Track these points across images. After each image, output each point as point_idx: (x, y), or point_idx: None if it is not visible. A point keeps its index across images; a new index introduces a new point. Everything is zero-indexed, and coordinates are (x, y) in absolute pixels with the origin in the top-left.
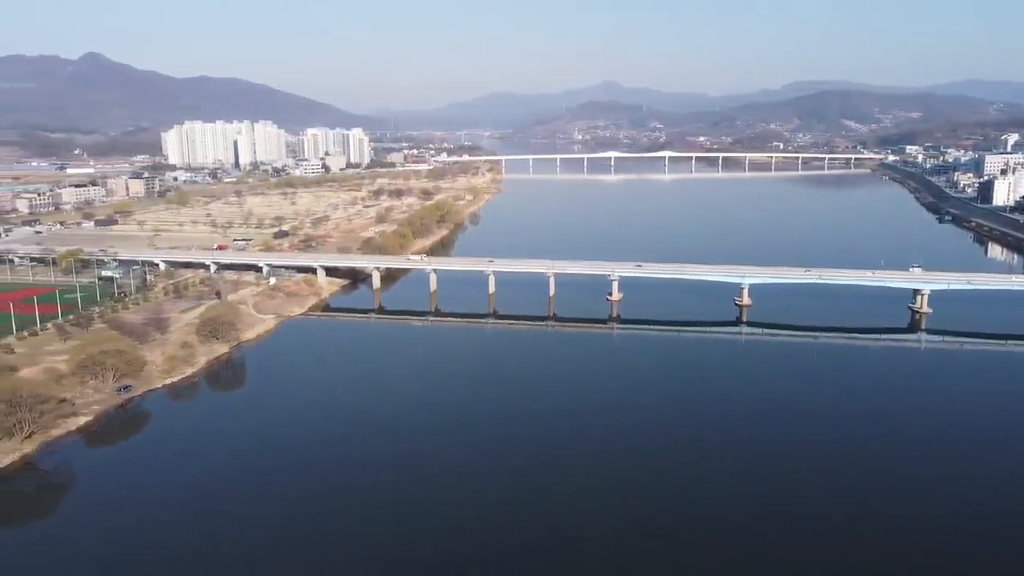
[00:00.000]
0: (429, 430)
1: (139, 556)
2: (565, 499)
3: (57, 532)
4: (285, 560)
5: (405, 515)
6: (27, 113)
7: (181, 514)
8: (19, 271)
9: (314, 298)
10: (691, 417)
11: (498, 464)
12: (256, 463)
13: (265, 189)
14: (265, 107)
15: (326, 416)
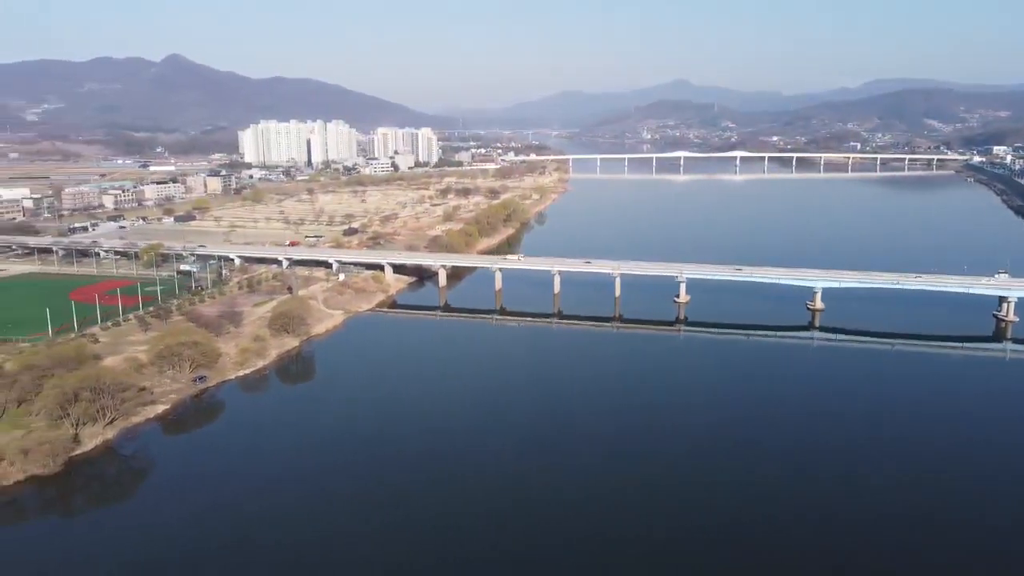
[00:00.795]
0: (491, 428)
1: (212, 538)
2: (621, 500)
3: (136, 514)
4: (342, 549)
5: (462, 512)
6: (114, 113)
7: (252, 501)
8: (104, 264)
9: (381, 295)
10: (757, 422)
11: (557, 463)
12: (322, 454)
13: (336, 187)
14: (337, 107)
15: (390, 411)
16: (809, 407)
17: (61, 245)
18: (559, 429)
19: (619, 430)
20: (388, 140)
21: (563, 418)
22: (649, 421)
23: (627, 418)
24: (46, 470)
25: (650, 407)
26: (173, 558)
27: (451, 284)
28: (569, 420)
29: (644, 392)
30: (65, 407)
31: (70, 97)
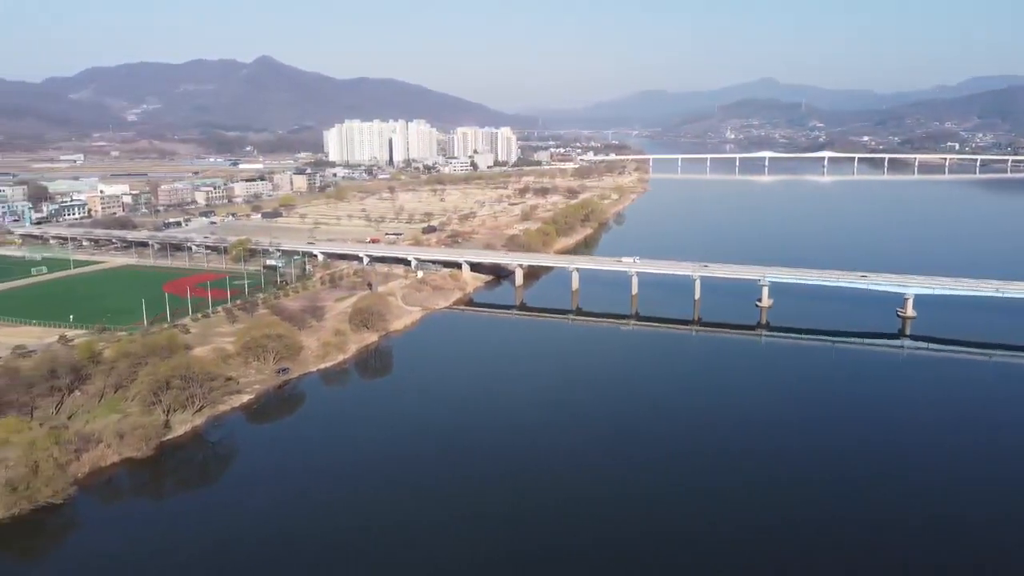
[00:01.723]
0: (564, 428)
1: (291, 523)
2: (692, 508)
3: (221, 498)
4: (413, 538)
5: (531, 508)
6: (207, 113)
7: (329, 489)
8: (196, 258)
9: (458, 292)
10: (843, 432)
11: (629, 466)
12: (398, 446)
13: (416, 186)
14: (419, 106)
15: (465, 407)
16: (898, 419)
17: (156, 239)
18: (633, 432)
19: (693, 436)
20: (468, 139)
21: (638, 421)
22: (727, 429)
23: (703, 424)
24: (139, 453)
25: (729, 414)
26: (254, 541)
27: (527, 283)
28: (644, 423)
29: (722, 398)
30: (158, 394)
31: (167, 98)
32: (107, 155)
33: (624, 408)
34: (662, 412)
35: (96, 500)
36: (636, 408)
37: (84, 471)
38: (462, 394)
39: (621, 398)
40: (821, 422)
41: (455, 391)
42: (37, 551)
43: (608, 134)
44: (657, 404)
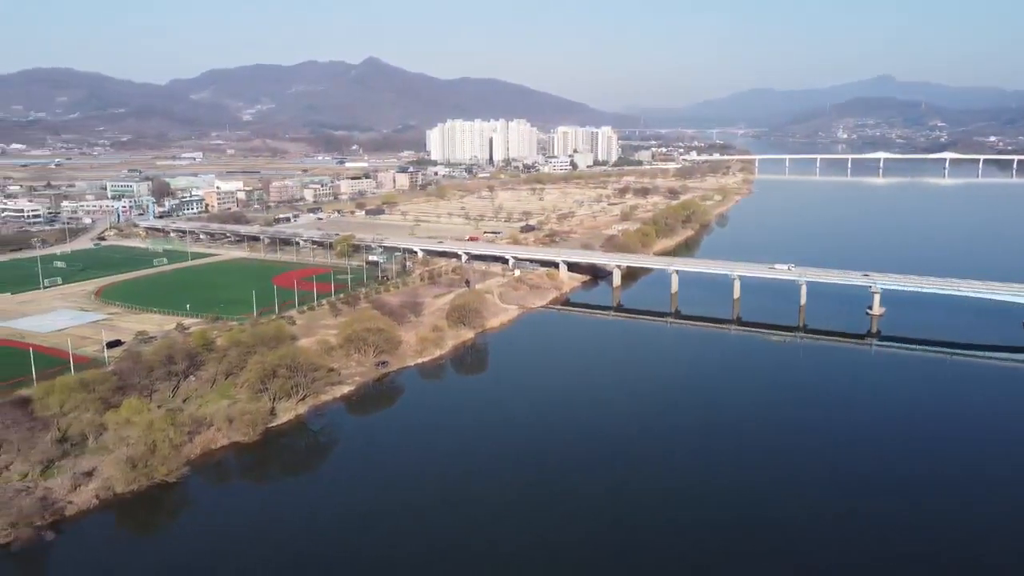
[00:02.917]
0: (659, 432)
1: (387, 511)
2: (790, 526)
3: (321, 483)
4: (500, 532)
5: (626, 513)
6: (317, 113)
7: (425, 480)
8: (303, 252)
9: (555, 292)
10: (963, 452)
11: (720, 476)
12: (492, 442)
13: (515, 185)
14: (520, 106)
15: (558, 407)
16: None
17: (267, 234)
18: (734, 443)
19: (792, 448)
20: (568, 139)
21: (738, 431)
22: (831, 443)
23: (805, 437)
24: (247, 438)
25: (833, 427)
26: (352, 526)
27: (625, 284)
28: (745, 434)
29: (831, 411)
30: (265, 382)
31: (280, 98)
32: (224, 153)
33: (723, 416)
34: (765, 423)
35: (206, 480)
36: (736, 417)
37: (196, 452)
38: (556, 393)
39: (721, 405)
40: (940, 439)
41: (549, 390)
42: (152, 525)
43: (712, 133)
44: (760, 414)
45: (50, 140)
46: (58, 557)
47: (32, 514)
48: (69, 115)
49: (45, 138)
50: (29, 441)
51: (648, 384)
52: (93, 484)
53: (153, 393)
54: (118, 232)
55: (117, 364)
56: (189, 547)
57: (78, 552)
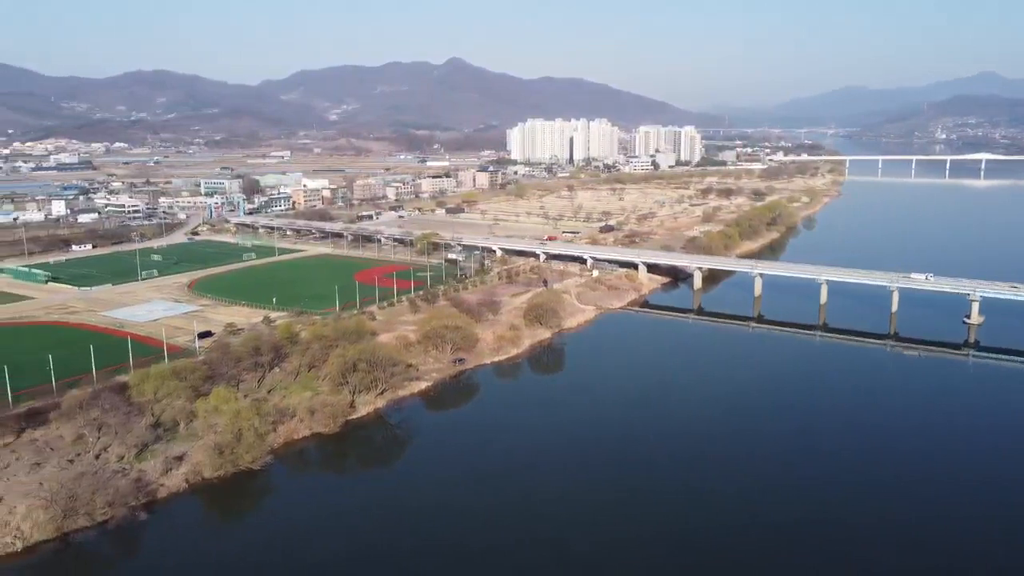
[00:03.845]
0: (738, 437)
1: (461, 506)
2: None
3: (398, 476)
4: (572, 532)
5: (698, 516)
6: (400, 112)
7: (499, 477)
8: (384, 249)
9: (634, 293)
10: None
11: (802, 489)
12: (566, 442)
13: (595, 184)
14: (603, 105)
15: (635, 409)
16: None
17: (350, 231)
18: (815, 452)
19: (880, 463)
20: (650, 138)
21: (822, 440)
22: (922, 461)
23: (892, 451)
24: (327, 429)
25: (925, 443)
26: (426, 518)
27: (706, 287)
28: (829, 444)
29: (925, 426)
30: (345, 375)
31: (365, 98)
32: (310, 152)
33: (806, 424)
34: (854, 434)
35: (288, 469)
36: (820, 426)
37: (279, 442)
38: (632, 395)
39: (804, 412)
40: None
41: (626, 392)
42: (237, 510)
43: (800, 133)
44: (850, 424)
45: (150, 139)
46: (150, 536)
47: (127, 494)
48: (167, 115)
49: (145, 137)
50: (126, 425)
51: (727, 388)
52: (183, 468)
53: (240, 383)
54: (210, 228)
55: (207, 354)
56: (270, 532)
57: (169, 532)
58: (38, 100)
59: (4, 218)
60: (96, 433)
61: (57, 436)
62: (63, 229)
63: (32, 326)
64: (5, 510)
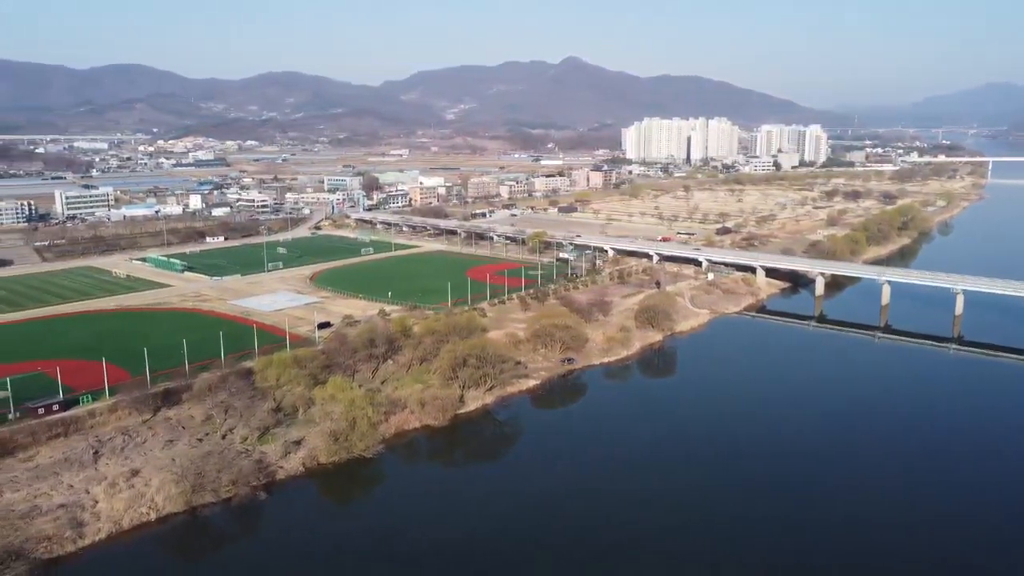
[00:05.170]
0: (859, 462)
1: (565, 506)
2: None
3: (503, 473)
4: (674, 544)
5: (821, 539)
6: (516, 111)
7: (603, 480)
8: (496, 247)
9: (750, 298)
10: None
11: (927, 521)
12: (675, 450)
13: (712, 185)
14: (722, 104)
15: (746, 420)
16: None
17: (464, 228)
18: (942, 484)
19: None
20: (772, 138)
21: (956, 466)
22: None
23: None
24: (437, 422)
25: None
26: (530, 514)
27: (829, 293)
28: (959, 474)
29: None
30: (456, 370)
31: (481, 98)
32: (427, 150)
33: (938, 447)
34: (996, 461)
35: (398, 458)
36: (955, 449)
37: (391, 432)
38: (744, 406)
39: (935, 433)
40: None
41: (737, 401)
42: (350, 495)
43: (937, 133)
44: (990, 450)
45: (279, 137)
46: (269, 515)
47: (249, 475)
48: (295, 115)
49: (275, 135)
50: (250, 408)
51: (847, 403)
52: (301, 453)
53: (355, 373)
54: (332, 223)
55: (326, 344)
56: (380, 518)
57: (286, 512)
58: (180, 101)
59: (147, 211)
60: (223, 415)
61: (188, 416)
62: (198, 222)
63: (169, 312)
64: (142, 482)
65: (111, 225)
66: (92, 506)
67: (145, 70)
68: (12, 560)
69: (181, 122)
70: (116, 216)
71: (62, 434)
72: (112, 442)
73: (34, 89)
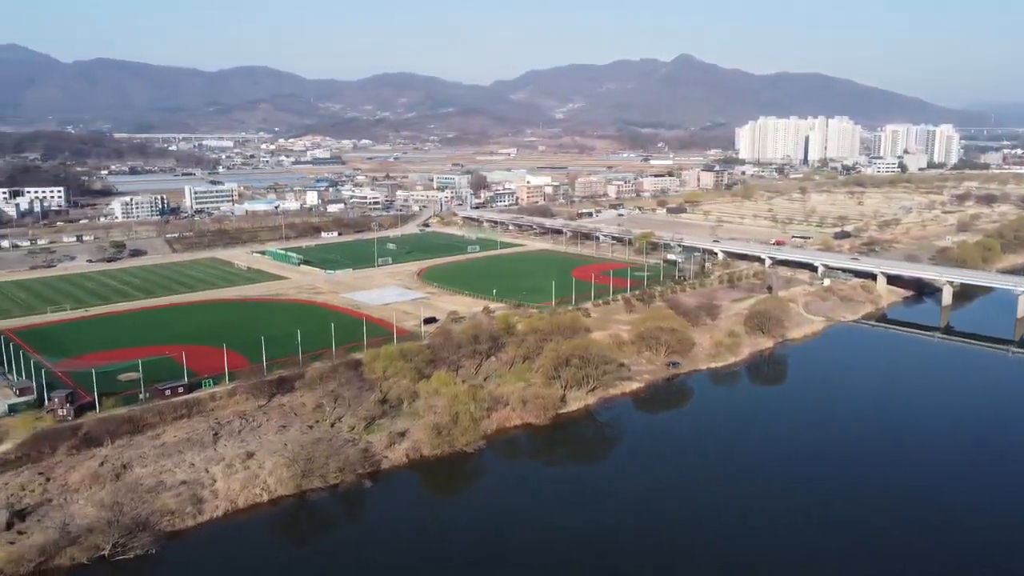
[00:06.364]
0: (985, 484)
1: (666, 511)
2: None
3: (602, 476)
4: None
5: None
6: (625, 111)
7: (705, 487)
8: (602, 247)
9: (870, 306)
10: None
11: None
12: (781, 463)
13: (831, 187)
14: (844, 102)
15: (861, 434)
16: None
17: (570, 227)
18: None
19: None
20: (897, 138)
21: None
22: None
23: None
24: (538, 420)
25: None
26: (630, 517)
27: (957, 304)
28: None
29: None
30: (558, 369)
31: (591, 97)
32: (535, 149)
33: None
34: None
35: (499, 455)
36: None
37: (492, 428)
38: (859, 420)
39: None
40: None
41: (852, 414)
42: (450, 489)
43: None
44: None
45: (391, 136)
46: (374, 503)
47: (356, 463)
48: (407, 114)
49: (387, 134)
50: (358, 399)
51: (976, 423)
52: (404, 444)
53: (459, 368)
54: (440, 220)
55: (431, 339)
56: (480, 512)
57: (389, 501)
58: (300, 101)
59: (268, 206)
60: (333, 404)
61: (300, 403)
62: (314, 217)
63: (285, 303)
64: (256, 464)
65: (234, 219)
66: (211, 484)
67: (269, 72)
68: (139, 530)
69: (301, 121)
70: (239, 211)
71: (185, 415)
72: (230, 425)
73: (169, 91)
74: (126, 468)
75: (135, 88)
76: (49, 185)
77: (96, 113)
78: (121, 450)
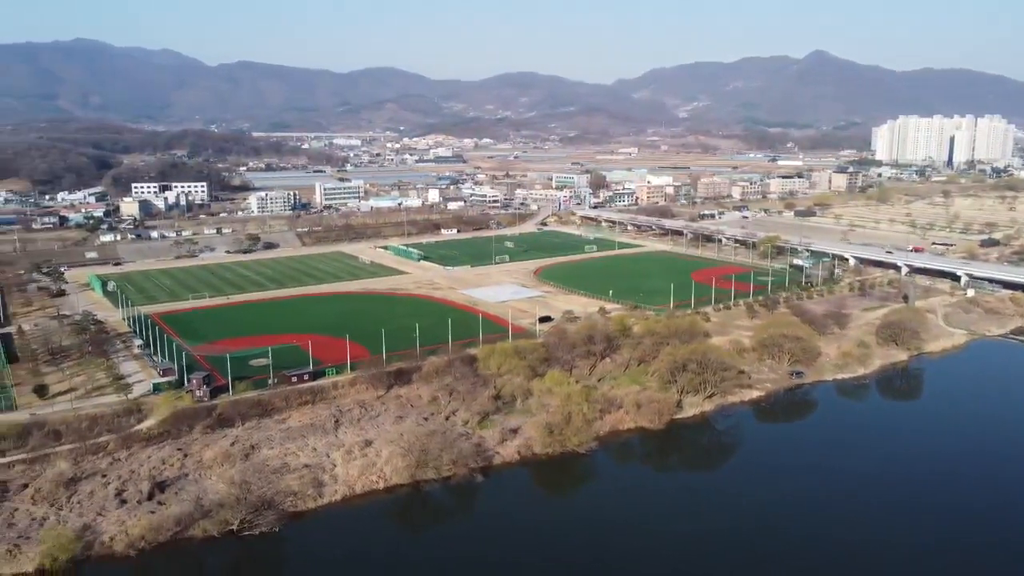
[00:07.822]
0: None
1: (781, 527)
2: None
3: (718, 486)
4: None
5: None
6: (753, 109)
7: (825, 503)
8: (724, 250)
9: (1020, 320)
10: None
11: None
12: (909, 485)
13: (978, 191)
14: (996, 100)
15: (1008, 457)
16: None
17: (690, 229)
18: None
19: None
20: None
21: None
22: None
23: None
24: (652, 425)
25: None
26: (746, 534)
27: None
28: None
29: None
30: (674, 374)
31: (717, 95)
32: (657, 149)
33: None
34: None
35: (611, 457)
36: None
37: (605, 430)
38: (1006, 442)
39: None
40: None
41: (996, 435)
42: (561, 488)
43: None
44: None
45: (511, 135)
46: (485, 497)
47: (468, 456)
48: (528, 113)
49: (508, 133)
50: (472, 394)
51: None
52: (516, 441)
53: (573, 368)
54: (558, 219)
55: (546, 337)
56: (590, 514)
57: (500, 496)
58: (425, 101)
59: (391, 203)
60: (448, 397)
61: (417, 395)
62: (435, 214)
63: (405, 297)
64: (374, 452)
65: (360, 215)
66: (331, 469)
67: (395, 72)
68: (265, 509)
69: (425, 121)
70: (365, 207)
71: (310, 401)
72: (351, 413)
73: (303, 91)
74: (254, 449)
75: (272, 89)
76: (194, 181)
77: (237, 113)
78: (250, 431)
